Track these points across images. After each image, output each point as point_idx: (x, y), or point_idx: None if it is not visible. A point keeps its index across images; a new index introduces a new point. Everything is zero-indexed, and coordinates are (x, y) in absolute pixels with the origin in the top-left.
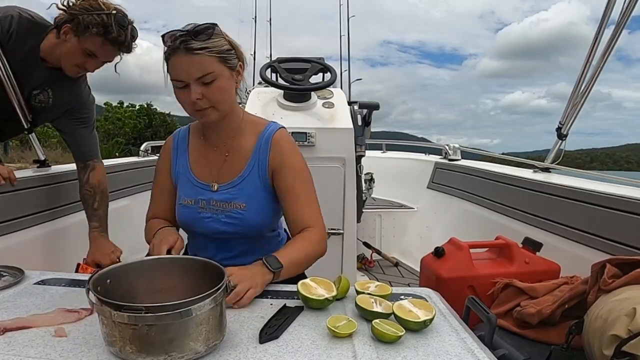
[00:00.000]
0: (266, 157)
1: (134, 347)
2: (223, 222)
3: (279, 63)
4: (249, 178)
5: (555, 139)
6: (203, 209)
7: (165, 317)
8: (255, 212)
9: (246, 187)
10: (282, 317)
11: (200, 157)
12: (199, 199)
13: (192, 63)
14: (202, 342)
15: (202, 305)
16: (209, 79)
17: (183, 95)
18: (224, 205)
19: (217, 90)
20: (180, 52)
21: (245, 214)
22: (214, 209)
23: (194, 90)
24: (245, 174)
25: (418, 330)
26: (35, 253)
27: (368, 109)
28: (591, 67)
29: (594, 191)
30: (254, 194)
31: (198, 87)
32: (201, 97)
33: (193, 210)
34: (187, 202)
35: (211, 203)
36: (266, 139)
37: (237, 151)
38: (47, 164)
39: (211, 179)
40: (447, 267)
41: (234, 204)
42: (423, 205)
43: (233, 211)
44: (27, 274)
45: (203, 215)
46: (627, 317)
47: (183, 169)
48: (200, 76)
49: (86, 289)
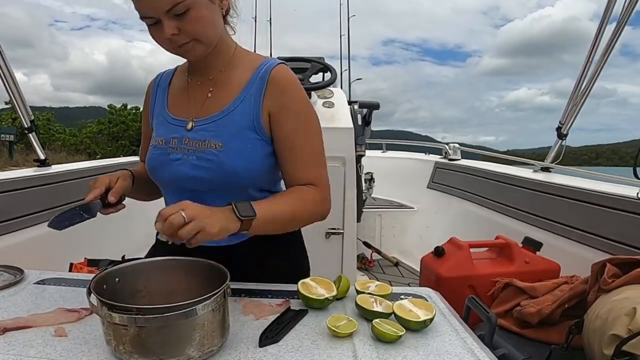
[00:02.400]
0: (260, 95)
1: (126, 347)
2: (194, 165)
3: None
4: (233, 115)
5: (555, 138)
6: (174, 150)
7: (154, 319)
8: (235, 155)
9: (228, 125)
10: (284, 320)
11: (180, 94)
12: (170, 137)
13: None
14: (196, 347)
15: (194, 311)
16: (181, 9)
17: (157, 34)
18: (197, 144)
19: (194, 20)
20: None
21: (221, 156)
22: (186, 148)
23: (167, 25)
24: (229, 109)
25: (418, 330)
26: (35, 252)
27: (368, 108)
28: (593, 64)
29: (594, 191)
30: (237, 133)
31: (171, 20)
32: (177, 32)
33: (163, 152)
34: (157, 142)
35: (183, 142)
36: (263, 74)
37: (225, 85)
38: (48, 163)
39: (188, 116)
40: (447, 266)
41: (209, 143)
42: (423, 204)
43: (206, 152)
44: (26, 273)
45: (173, 156)
46: (627, 317)
47: (160, 108)
48: (170, 8)
49: (87, 287)
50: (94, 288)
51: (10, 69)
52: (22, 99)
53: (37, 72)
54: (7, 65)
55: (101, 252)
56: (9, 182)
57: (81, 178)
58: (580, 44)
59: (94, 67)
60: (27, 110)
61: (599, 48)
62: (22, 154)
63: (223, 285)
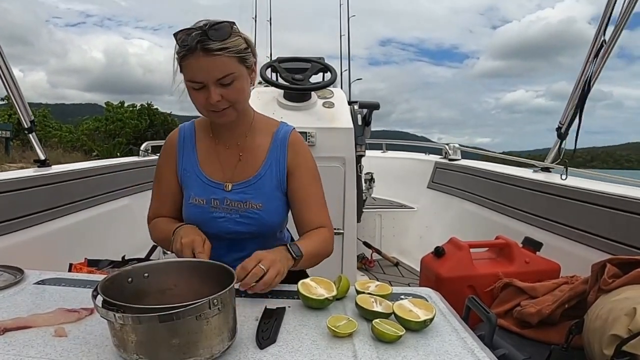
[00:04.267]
0: (284, 158)
1: (118, 343)
2: (238, 222)
3: (279, 63)
4: (266, 177)
5: (555, 138)
6: (216, 209)
7: (145, 319)
8: (272, 212)
9: (263, 187)
10: (270, 319)
11: (210, 156)
12: (212, 198)
13: (212, 64)
14: (179, 351)
15: (186, 312)
16: (229, 80)
17: (200, 97)
18: (239, 205)
19: (237, 90)
20: (197, 53)
21: (262, 214)
22: (228, 208)
23: (214, 91)
24: (262, 173)
25: (418, 330)
26: (35, 253)
27: (368, 108)
28: (591, 67)
29: (594, 191)
30: (271, 193)
31: (217, 88)
32: (221, 99)
33: (205, 210)
34: (198, 202)
35: (225, 202)
36: (282, 139)
37: (251, 150)
38: (48, 164)
39: (224, 178)
40: (447, 266)
41: (250, 204)
42: (423, 205)
43: (249, 211)
44: (26, 273)
45: (216, 215)
46: (627, 317)
47: (191, 167)
48: (220, 77)
49: (94, 288)
50: (102, 288)
51: (10, 69)
52: (22, 98)
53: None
54: (7, 65)
55: (101, 252)
56: (9, 183)
57: (81, 178)
58: (577, 47)
59: (90, 64)
60: (27, 110)
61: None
62: (19, 151)
63: (231, 285)
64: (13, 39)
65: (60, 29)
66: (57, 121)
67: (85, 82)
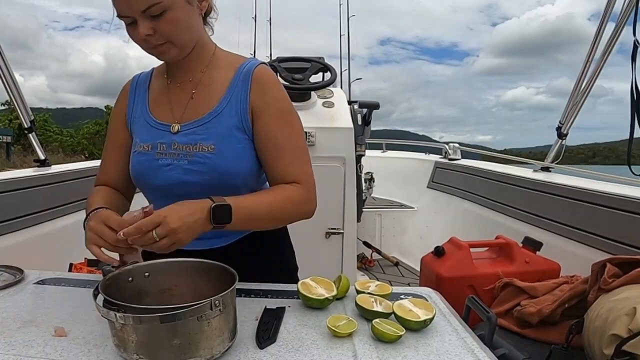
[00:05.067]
0: (246, 93)
1: (134, 349)
2: (185, 170)
3: (279, 62)
4: (222, 116)
5: (555, 138)
6: (162, 155)
7: (146, 319)
8: (228, 156)
9: (217, 126)
10: (270, 319)
11: (161, 97)
12: (157, 142)
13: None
14: (179, 352)
15: (187, 313)
16: (157, 11)
17: (133, 33)
18: (187, 147)
19: (170, 22)
20: None
21: (214, 158)
22: (176, 153)
23: (142, 25)
24: (217, 111)
25: (418, 330)
26: (35, 252)
27: (368, 108)
28: (592, 64)
29: (594, 190)
30: (228, 134)
31: (146, 21)
32: (152, 33)
33: (150, 158)
34: (143, 148)
35: (172, 146)
36: (246, 73)
37: (207, 85)
38: (48, 164)
39: (173, 119)
40: (447, 266)
41: (200, 146)
42: (423, 204)
43: (199, 155)
44: (26, 273)
45: (162, 162)
46: (627, 317)
47: (141, 112)
48: (145, 8)
49: (95, 288)
50: (103, 288)
51: (10, 70)
52: (22, 99)
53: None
54: (7, 66)
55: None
56: (9, 182)
57: (81, 178)
58: (577, 43)
59: (90, 68)
60: (27, 110)
61: (599, 47)
62: (20, 156)
63: (233, 286)
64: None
65: (59, 32)
66: (57, 125)
67: (86, 86)
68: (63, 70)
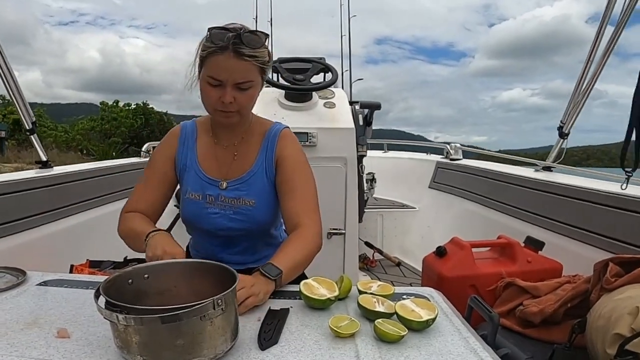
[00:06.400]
0: (273, 152)
1: (121, 344)
2: (231, 219)
3: (280, 63)
4: (257, 174)
5: (557, 137)
6: (211, 205)
7: (148, 320)
8: (264, 209)
9: (255, 184)
10: (273, 320)
11: (208, 154)
12: (207, 194)
13: (238, 67)
14: (183, 352)
15: (190, 313)
16: (247, 86)
17: (213, 94)
18: (232, 201)
19: (249, 97)
20: (228, 53)
21: (254, 211)
22: (223, 204)
23: (229, 92)
24: (253, 171)
25: (420, 330)
26: (37, 254)
27: (369, 108)
28: (592, 65)
29: (596, 190)
30: (263, 190)
31: (233, 90)
32: (233, 101)
33: (200, 206)
34: (193, 197)
35: (219, 199)
36: (273, 136)
37: (245, 149)
38: (49, 165)
39: (220, 175)
40: (449, 266)
41: (243, 200)
42: (425, 204)
43: (242, 207)
44: (29, 275)
45: (211, 210)
46: (630, 316)
47: (190, 162)
48: (240, 82)
49: (96, 289)
50: (104, 289)
51: (11, 71)
52: (23, 100)
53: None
54: (8, 67)
55: (103, 253)
56: (10, 184)
57: (83, 180)
58: (574, 45)
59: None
60: (28, 111)
61: (600, 47)
62: (14, 151)
63: (234, 285)
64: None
65: (53, 27)
66: (52, 121)
67: (81, 82)
68: (59, 66)
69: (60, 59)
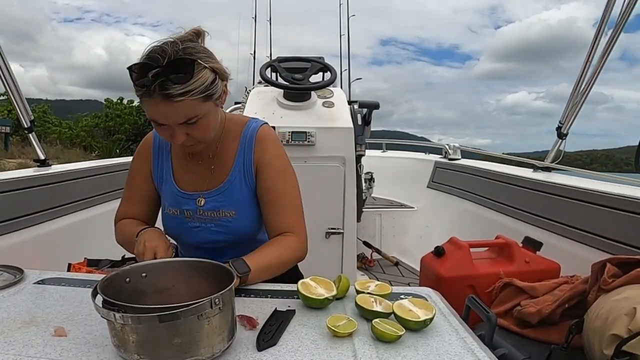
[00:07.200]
0: (250, 157)
1: (118, 343)
2: (213, 232)
3: (279, 62)
4: (235, 183)
5: (555, 138)
6: (190, 219)
7: (145, 319)
8: (245, 219)
9: (233, 193)
10: (276, 322)
11: (183, 166)
12: (184, 209)
13: (173, 110)
14: (180, 351)
15: (188, 312)
16: (194, 120)
17: (164, 133)
18: (212, 214)
19: (202, 128)
20: (157, 98)
21: (235, 222)
22: (202, 218)
23: (179, 133)
24: (230, 180)
25: (418, 330)
26: (35, 252)
27: (368, 108)
28: (591, 67)
29: (594, 190)
30: (242, 199)
31: (182, 128)
32: (187, 137)
33: (179, 221)
34: (172, 212)
35: (198, 212)
36: (249, 139)
37: (221, 159)
38: (48, 163)
39: (196, 189)
40: (447, 266)
41: (223, 212)
42: (423, 204)
43: (223, 219)
44: (26, 273)
45: (191, 225)
46: (627, 317)
47: (166, 175)
48: (183, 122)
49: (94, 288)
50: (102, 288)
51: (9, 69)
52: (21, 98)
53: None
54: (6, 64)
55: (101, 252)
56: (9, 182)
57: (81, 178)
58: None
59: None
60: (26, 109)
61: (598, 49)
62: (18, 146)
63: (232, 284)
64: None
65: (59, 24)
66: (56, 117)
67: (86, 79)
68: (64, 62)
69: (66, 56)
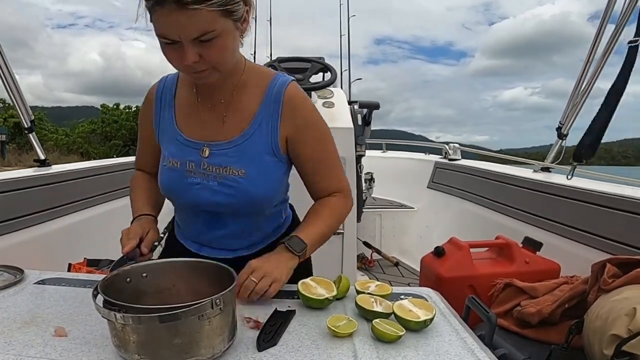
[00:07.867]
0: (277, 119)
1: (119, 343)
2: (215, 191)
3: (279, 62)
4: (253, 139)
5: (555, 138)
6: (191, 173)
7: (146, 319)
8: (258, 181)
9: (248, 150)
10: (276, 322)
11: (190, 113)
12: (186, 160)
13: (187, 20)
14: (181, 351)
15: (188, 312)
16: (209, 38)
17: (174, 55)
18: (217, 170)
19: (219, 49)
20: (169, 5)
21: (243, 183)
22: (205, 173)
23: (190, 51)
24: (248, 134)
25: (418, 330)
26: (35, 252)
27: (368, 108)
28: (592, 65)
29: (594, 191)
30: (258, 158)
31: (195, 47)
32: (198, 59)
33: (179, 175)
34: (172, 164)
35: (202, 166)
36: (276, 95)
37: (238, 109)
38: (48, 164)
39: (203, 138)
40: (447, 266)
41: (231, 170)
42: (423, 204)
43: (229, 178)
44: (26, 273)
45: (191, 180)
46: (627, 317)
47: (167, 123)
48: (198, 36)
49: (94, 288)
50: (102, 288)
51: (10, 68)
52: (22, 98)
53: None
54: (7, 64)
55: (101, 252)
56: (9, 182)
57: (81, 178)
58: (575, 44)
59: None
60: (27, 110)
61: (600, 47)
62: (14, 154)
63: (233, 285)
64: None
65: (53, 30)
66: (53, 124)
67: (82, 85)
68: (60, 69)
69: (61, 62)
